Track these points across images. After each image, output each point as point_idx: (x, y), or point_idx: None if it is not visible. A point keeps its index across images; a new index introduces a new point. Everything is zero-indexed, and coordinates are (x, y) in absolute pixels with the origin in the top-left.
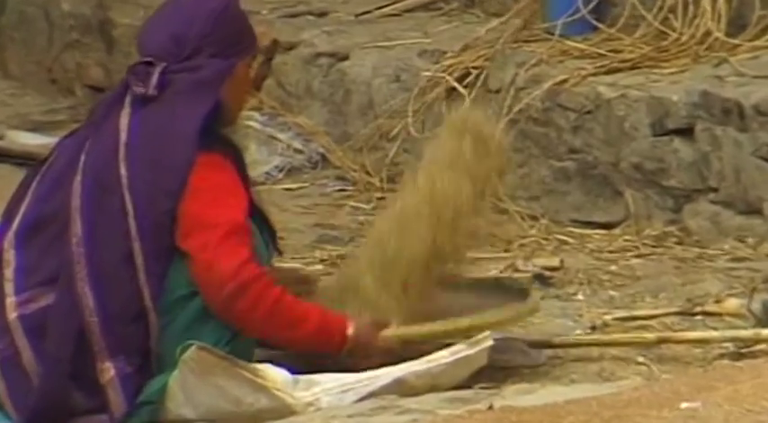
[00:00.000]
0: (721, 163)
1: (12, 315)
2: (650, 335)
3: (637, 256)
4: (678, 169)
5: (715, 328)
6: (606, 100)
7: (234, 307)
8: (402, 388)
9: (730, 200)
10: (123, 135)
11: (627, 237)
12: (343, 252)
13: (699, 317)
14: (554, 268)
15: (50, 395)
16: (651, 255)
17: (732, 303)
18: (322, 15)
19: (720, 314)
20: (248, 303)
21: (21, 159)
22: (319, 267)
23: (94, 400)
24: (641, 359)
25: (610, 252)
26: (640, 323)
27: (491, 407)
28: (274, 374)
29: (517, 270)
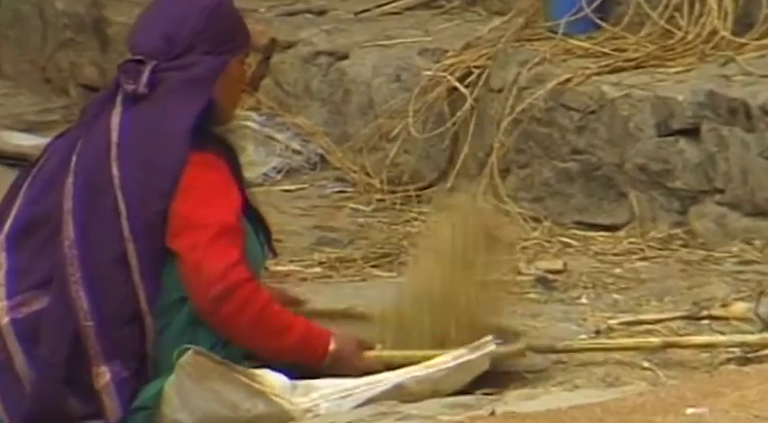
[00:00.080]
0: (728, 164)
1: (3, 320)
2: (655, 339)
3: (642, 259)
4: (684, 170)
5: (722, 333)
6: (610, 100)
7: (220, 310)
8: (402, 393)
9: (737, 201)
10: (114, 135)
11: (631, 239)
12: (342, 255)
13: (705, 321)
14: (557, 271)
15: (44, 401)
16: (656, 258)
17: (739, 307)
18: (321, 13)
19: (727, 318)
20: (235, 307)
21: (14, 160)
22: (318, 270)
23: (89, 406)
24: (646, 364)
25: (614, 255)
26: (645, 327)
27: (493, 413)
28: (272, 379)
29: (520, 273)
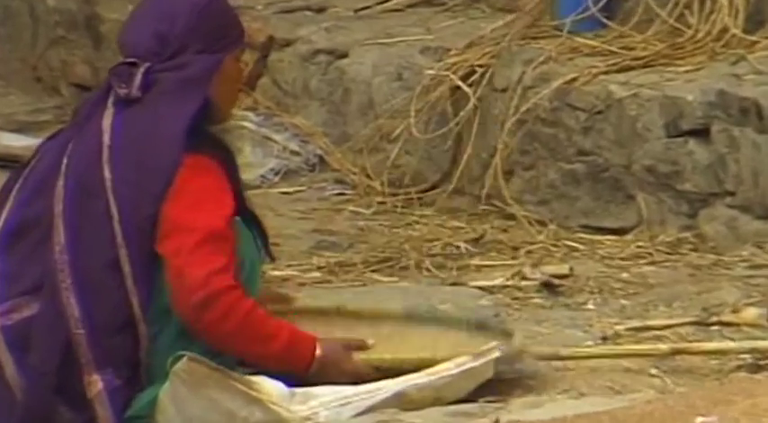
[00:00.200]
0: (738, 165)
1: None
2: (664, 346)
3: (650, 264)
4: (693, 172)
5: (732, 339)
6: (618, 99)
7: (203, 317)
8: (403, 401)
9: (748, 204)
10: (106, 137)
11: (639, 243)
12: (341, 259)
13: (715, 327)
14: (563, 276)
15: (35, 410)
16: (665, 262)
17: (750, 313)
18: (320, 11)
19: (738, 324)
20: (218, 314)
21: (4, 161)
22: (317, 275)
23: (81, 415)
24: (654, 371)
25: (621, 259)
26: (654, 334)
27: (497, 421)
28: (269, 387)
29: (525, 278)
